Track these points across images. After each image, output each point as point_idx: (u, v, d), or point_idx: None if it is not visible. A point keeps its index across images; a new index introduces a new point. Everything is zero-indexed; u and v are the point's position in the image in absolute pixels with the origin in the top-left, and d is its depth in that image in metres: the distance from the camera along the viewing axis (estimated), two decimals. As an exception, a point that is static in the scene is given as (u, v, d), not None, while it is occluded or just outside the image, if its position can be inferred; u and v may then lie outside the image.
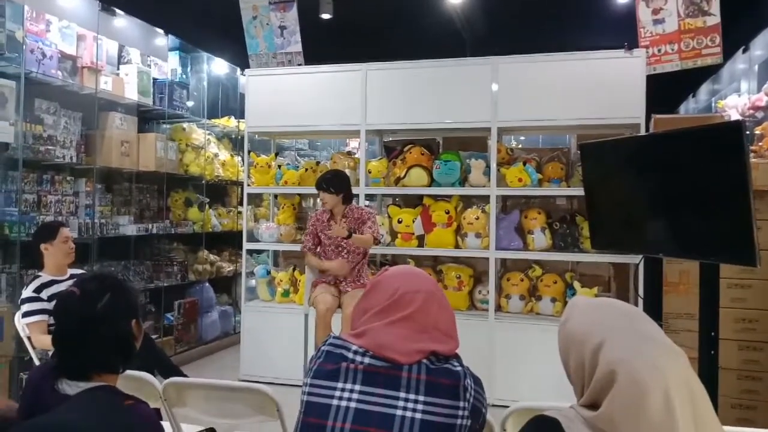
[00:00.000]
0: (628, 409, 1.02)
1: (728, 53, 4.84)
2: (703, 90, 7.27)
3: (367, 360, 1.34)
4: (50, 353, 3.10)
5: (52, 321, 3.08)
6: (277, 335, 4.54)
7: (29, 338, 3.09)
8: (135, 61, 4.87)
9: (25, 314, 3.05)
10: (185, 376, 3.43)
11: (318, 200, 5.62)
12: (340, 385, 1.32)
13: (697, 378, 1.06)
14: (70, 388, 1.39)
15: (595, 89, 4.04)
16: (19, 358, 3.56)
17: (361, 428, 1.27)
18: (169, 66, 5.43)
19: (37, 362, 3.13)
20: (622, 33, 4.45)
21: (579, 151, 3.60)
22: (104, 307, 1.43)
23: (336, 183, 3.87)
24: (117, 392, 1.43)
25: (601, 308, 1.17)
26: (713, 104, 6.16)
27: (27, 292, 3.09)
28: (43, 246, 3.17)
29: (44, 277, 3.16)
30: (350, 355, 1.35)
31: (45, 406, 1.38)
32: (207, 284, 5.64)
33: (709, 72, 6.26)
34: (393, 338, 1.35)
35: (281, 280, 4.76)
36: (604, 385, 1.06)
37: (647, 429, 0.99)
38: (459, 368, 1.35)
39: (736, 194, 2.31)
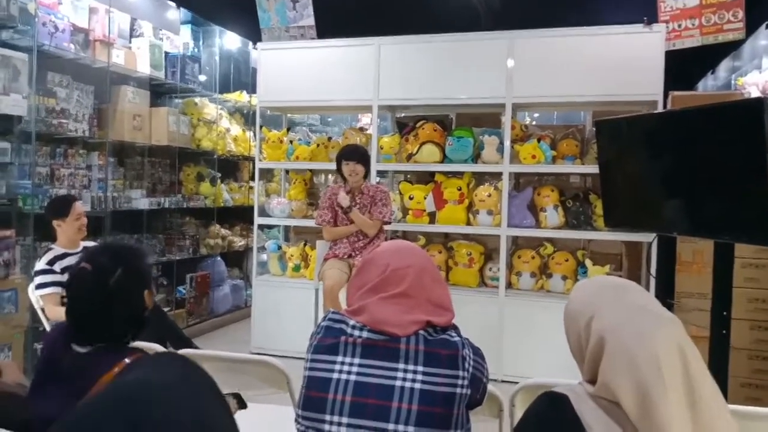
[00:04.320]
0: (618, 371, 1.03)
1: (750, 29, 4.71)
2: (723, 67, 7.11)
3: (365, 334, 1.36)
4: (56, 324, 3.16)
5: (65, 293, 3.12)
6: (287, 309, 4.57)
7: (43, 309, 3.13)
8: (147, 35, 4.84)
9: (39, 286, 3.09)
10: (197, 347, 3.47)
11: (330, 176, 5.62)
12: (339, 358, 1.35)
13: (692, 343, 1.06)
14: (82, 348, 1.46)
15: (613, 65, 3.96)
16: (34, 329, 3.62)
17: (361, 400, 1.30)
18: (181, 40, 5.39)
19: (51, 333, 3.17)
20: (641, 7, 4.35)
21: (594, 128, 3.55)
22: (117, 282, 1.44)
23: (365, 155, 3.92)
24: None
25: (594, 285, 1.21)
26: (733, 81, 6.03)
27: (40, 265, 3.13)
28: (55, 222, 3.20)
29: (57, 249, 3.19)
30: (349, 330, 1.38)
31: (59, 361, 1.46)
32: (219, 258, 5.68)
33: (729, 48, 6.11)
34: (388, 313, 1.37)
35: (292, 255, 4.77)
36: (597, 354, 1.08)
37: (637, 387, 1.01)
38: (457, 338, 1.37)
39: (755, 173, 2.26)
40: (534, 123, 5.88)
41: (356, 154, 3.86)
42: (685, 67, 4.90)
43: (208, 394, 0.65)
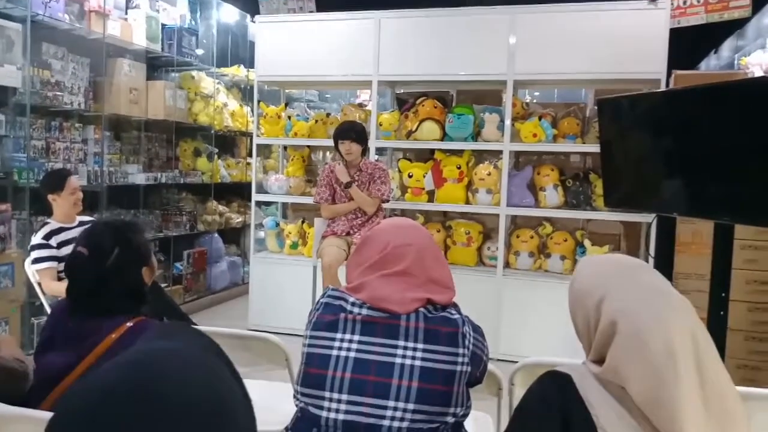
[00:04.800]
0: (630, 356, 1.01)
1: (756, 7, 4.65)
2: (726, 46, 7.04)
3: (364, 311, 1.35)
4: (60, 299, 3.15)
5: (61, 267, 3.11)
6: (285, 286, 4.57)
7: (40, 284, 3.12)
8: (143, 6, 4.75)
9: (35, 261, 3.08)
10: (194, 323, 3.47)
11: (328, 153, 5.58)
12: (339, 335, 1.34)
13: (703, 327, 1.04)
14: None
15: (616, 42, 3.91)
16: (31, 304, 3.61)
17: (361, 377, 1.29)
18: (178, 11, 5.30)
19: (47, 308, 3.17)
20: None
21: (596, 107, 3.51)
22: (114, 263, 1.48)
23: (361, 133, 3.85)
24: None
25: (605, 263, 1.18)
26: (736, 61, 5.97)
27: (36, 239, 3.11)
28: (50, 197, 3.17)
29: (53, 224, 3.16)
30: (348, 307, 1.37)
31: (63, 328, 1.52)
32: (216, 235, 5.66)
33: (733, 27, 6.04)
34: (389, 291, 1.36)
35: (290, 233, 4.76)
36: (606, 337, 1.06)
37: (649, 373, 0.99)
38: (457, 316, 1.36)
39: (757, 154, 2.24)
40: (535, 101, 5.83)
41: (352, 132, 3.81)
42: (687, 46, 4.84)
43: (225, 370, 0.64)
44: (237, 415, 0.58)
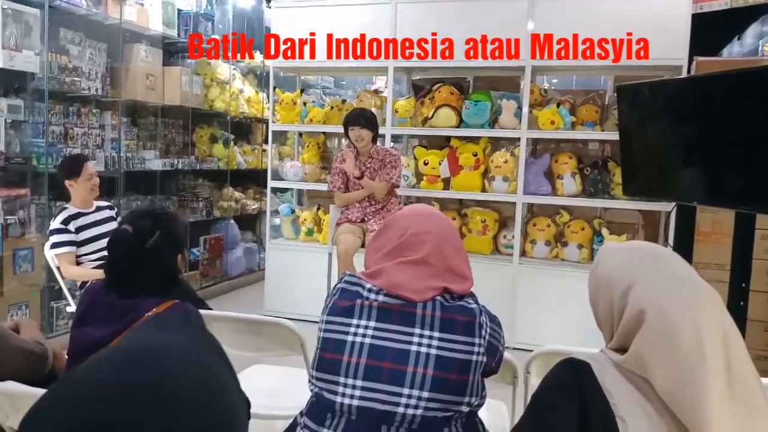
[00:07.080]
0: (657, 346, 0.99)
1: (782, -9, 4.53)
2: (750, 32, 6.88)
3: (381, 297, 1.35)
4: (79, 284, 3.20)
5: (80, 252, 3.15)
6: (301, 273, 4.58)
7: (58, 268, 3.15)
8: (159, -9, 4.76)
9: (54, 245, 3.11)
10: (210, 309, 3.50)
11: (343, 140, 5.57)
12: (355, 321, 1.34)
13: (731, 318, 1.02)
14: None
15: (637, 28, 3.83)
16: (50, 287, 3.66)
17: (376, 363, 1.28)
18: (194, -3, 5.29)
19: (66, 292, 3.22)
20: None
21: (615, 94, 3.46)
22: (154, 245, 1.57)
23: (371, 120, 3.83)
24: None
25: (631, 251, 1.14)
26: (761, 47, 5.84)
27: (55, 224, 3.14)
28: (67, 182, 3.20)
29: (71, 209, 3.20)
30: (365, 293, 1.36)
31: (100, 304, 1.58)
32: (232, 221, 5.69)
33: (758, 12, 5.91)
34: (406, 278, 1.35)
35: (305, 219, 4.77)
36: (633, 325, 1.03)
37: (676, 364, 0.97)
38: (474, 305, 1.35)
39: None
40: (553, 88, 5.75)
41: (361, 118, 3.79)
42: (709, 32, 4.74)
43: (221, 366, 0.64)
44: (229, 414, 0.58)
